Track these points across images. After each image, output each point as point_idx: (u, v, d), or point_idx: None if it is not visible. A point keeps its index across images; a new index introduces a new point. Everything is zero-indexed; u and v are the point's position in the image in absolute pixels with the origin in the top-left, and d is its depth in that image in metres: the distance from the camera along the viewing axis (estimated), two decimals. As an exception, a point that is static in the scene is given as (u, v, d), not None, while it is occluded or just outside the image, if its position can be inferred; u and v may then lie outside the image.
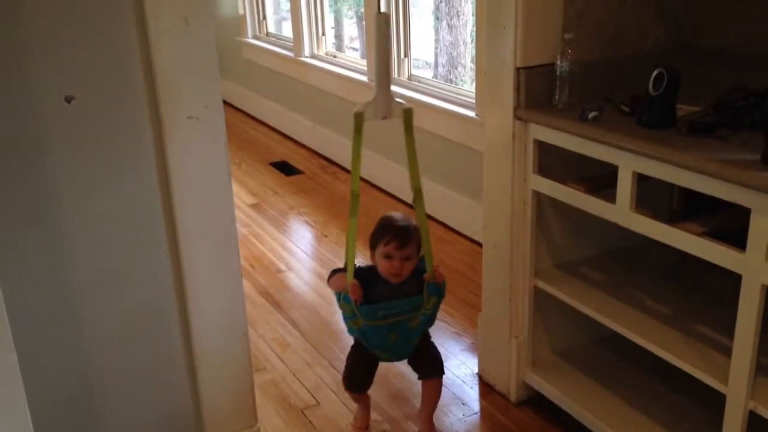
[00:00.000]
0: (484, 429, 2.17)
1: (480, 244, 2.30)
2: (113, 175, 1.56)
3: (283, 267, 3.20)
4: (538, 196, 2.03)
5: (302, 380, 2.40)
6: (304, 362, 2.50)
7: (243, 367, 1.81)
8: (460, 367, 2.45)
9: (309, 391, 2.34)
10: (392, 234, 1.92)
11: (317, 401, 2.29)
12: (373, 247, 1.96)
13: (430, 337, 2.09)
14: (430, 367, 2.09)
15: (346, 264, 1.96)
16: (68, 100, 1.50)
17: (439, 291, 1.95)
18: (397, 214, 2.02)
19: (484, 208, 2.19)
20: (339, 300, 1.99)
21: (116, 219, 1.58)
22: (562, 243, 2.15)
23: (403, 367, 2.18)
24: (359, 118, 1.86)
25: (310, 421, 2.20)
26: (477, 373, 2.39)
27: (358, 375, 2.11)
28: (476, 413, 2.24)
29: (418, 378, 2.11)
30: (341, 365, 2.45)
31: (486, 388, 2.33)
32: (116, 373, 1.67)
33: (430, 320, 2.01)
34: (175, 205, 1.61)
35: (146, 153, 1.57)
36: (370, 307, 1.94)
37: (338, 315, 2.76)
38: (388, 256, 1.93)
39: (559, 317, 2.19)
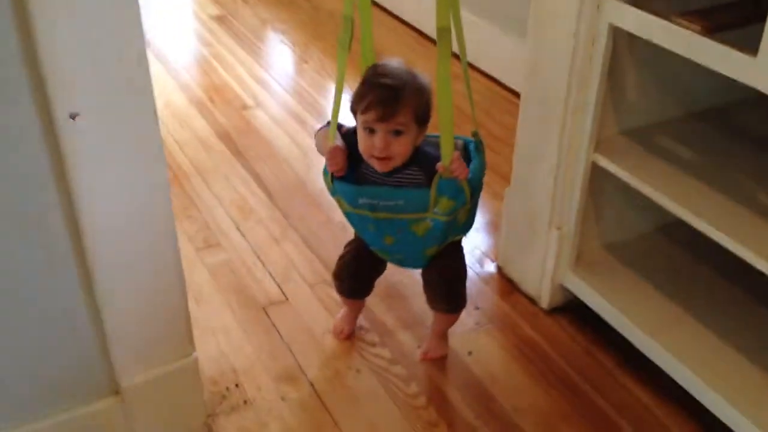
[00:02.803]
0: (501, 340, 1.64)
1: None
2: None
3: (250, 102, 2.54)
4: (617, 34, 1.37)
5: (267, 264, 1.82)
6: (270, 237, 1.92)
7: (169, 284, 1.21)
8: (475, 254, 1.88)
9: (275, 280, 1.77)
10: (373, 96, 1.25)
11: (285, 296, 1.73)
12: (353, 111, 1.31)
13: (458, 251, 1.48)
14: (439, 299, 1.51)
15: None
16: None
17: (455, 191, 1.28)
18: (394, 62, 1.32)
19: (529, 47, 1.52)
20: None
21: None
22: (637, 102, 1.51)
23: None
24: None
25: (273, 325, 1.65)
26: (497, 266, 1.83)
27: (348, 275, 1.54)
28: (492, 322, 1.70)
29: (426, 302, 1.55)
30: (319, 244, 1.89)
31: (508, 287, 1.77)
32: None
33: (450, 228, 1.36)
34: (36, 29, 0.94)
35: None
36: (349, 187, 1.34)
37: (318, 169, 2.16)
38: (368, 129, 1.28)
39: (620, 203, 1.61)
